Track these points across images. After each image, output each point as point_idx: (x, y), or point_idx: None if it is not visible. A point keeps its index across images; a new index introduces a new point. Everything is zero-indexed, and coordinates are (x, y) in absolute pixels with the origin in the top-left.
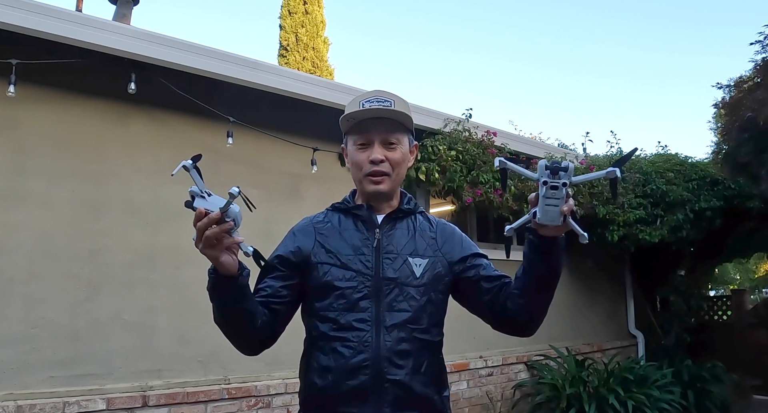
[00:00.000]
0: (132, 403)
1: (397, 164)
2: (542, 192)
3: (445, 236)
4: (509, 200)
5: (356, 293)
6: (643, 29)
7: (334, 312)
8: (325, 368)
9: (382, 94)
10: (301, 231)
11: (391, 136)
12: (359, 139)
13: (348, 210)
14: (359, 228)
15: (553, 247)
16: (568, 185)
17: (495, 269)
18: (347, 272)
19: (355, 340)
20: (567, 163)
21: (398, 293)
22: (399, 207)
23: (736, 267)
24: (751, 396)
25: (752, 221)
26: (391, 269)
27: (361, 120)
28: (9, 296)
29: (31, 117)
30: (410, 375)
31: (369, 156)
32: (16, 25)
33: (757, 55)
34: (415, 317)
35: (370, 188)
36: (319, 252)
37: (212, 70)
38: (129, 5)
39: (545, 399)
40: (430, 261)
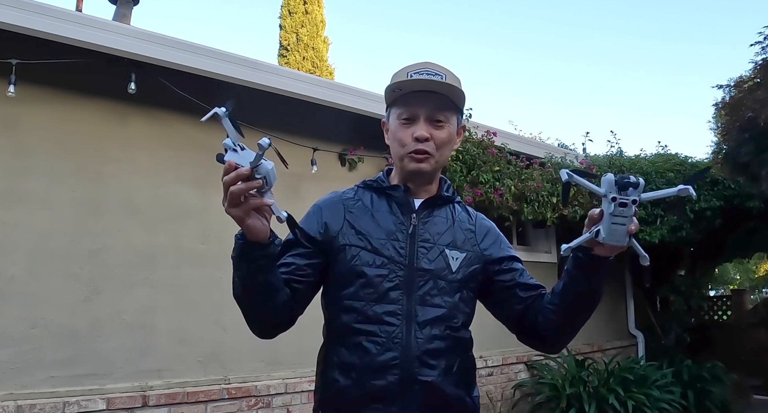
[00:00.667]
0: (132, 403)
1: (443, 145)
2: (609, 209)
3: (484, 232)
4: (509, 200)
5: (387, 283)
6: (643, 29)
7: (361, 301)
8: (349, 365)
9: (433, 67)
10: (329, 207)
11: (440, 113)
12: (404, 113)
13: (382, 190)
14: (394, 211)
15: (601, 267)
16: (638, 202)
17: (531, 276)
18: (378, 258)
19: (383, 335)
20: (637, 178)
21: (432, 287)
22: (438, 193)
23: (736, 267)
24: (751, 396)
25: (752, 221)
26: (426, 259)
27: (408, 92)
28: (9, 296)
29: (31, 117)
30: (442, 376)
31: (413, 133)
32: (16, 25)
33: (757, 57)
34: (449, 314)
35: (411, 166)
36: (348, 233)
37: (212, 70)
38: (129, 5)
39: (545, 399)
40: (467, 256)
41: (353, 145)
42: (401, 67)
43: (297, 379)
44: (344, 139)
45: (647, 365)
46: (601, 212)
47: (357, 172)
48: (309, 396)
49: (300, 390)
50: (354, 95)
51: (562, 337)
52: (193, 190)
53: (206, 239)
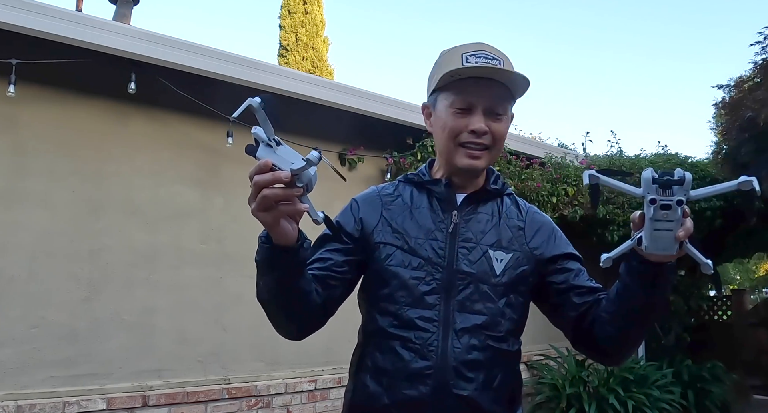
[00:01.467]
0: (132, 403)
1: (500, 139)
2: (649, 214)
3: (535, 228)
4: None
5: (423, 286)
6: (642, 29)
7: (395, 304)
8: (381, 370)
9: (489, 49)
10: (366, 202)
11: (499, 105)
12: (459, 101)
13: (422, 184)
14: (434, 208)
15: (659, 277)
16: (684, 202)
17: (590, 278)
18: (414, 259)
19: (417, 342)
20: (681, 173)
21: (473, 291)
22: (484, 187)
23: (736, 267)
24: (751, 396)
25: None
26: (466, 261)
27: (466, 79)
28: (9, 296)
29: (31, 117)
30: (480, 390)
31: (469, 125)
32: (16, 25)
33: (757, 57)
34: (491, 322)
35: (463, 162)
36: (384, 230)
37: (212, 70)
38: (129, 5)
39: (545, 399)
40: (515, 257)
41: (353, 145)
42: (452, 47)
43: (297, 379)
44: (344, 139)
45: (647, 365)
46: (642, 216)
47: (357, 172)
48: (309, 396)
49: (300, 390)
50: (354, 95)
51: (621, 350)
52: (193, 190)
53: (206, 239)
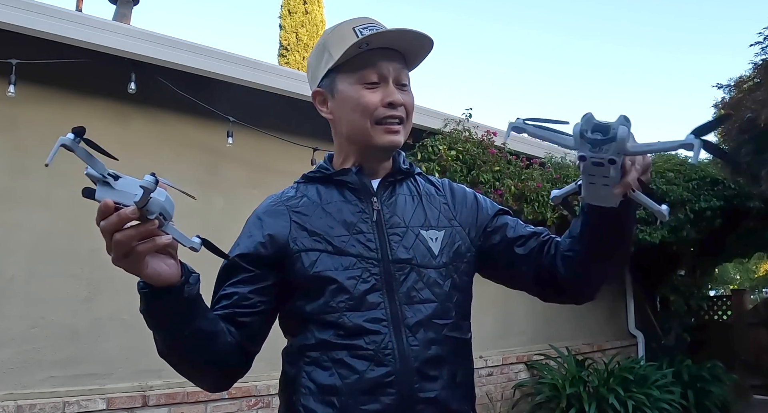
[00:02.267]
0: (132, 403)
1: (412, 111)
2: (581, 169)
3: (459, 200)
4: (509, 200)
5: (362, 285)
6: (642, 29)
7: (335, 313)
8: (329, 388)
9: (377, 23)
10: (269, 213)
11: (405, 74)
12: (368, 75)
13: (328, 178)
14: (349, 199)
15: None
16: (616, 161)
17: (525, 225)
18: (344, 259)
19: (370, 347)
20: (617, 127)
21: (416, 279)
22: (397, 167)
23: (736, 267)
24: (751, 396)
25: (752, 221)
26: (402, 247)
27: (371, 50)
28: (9, 296)
29: (31, 117)
30: (447, 389)
31: (384, 98)
32: (16, 25)
33: (756, 57)
34: (442, 308)
35: (384, 140)
36: (300, 237)
37: (212, 70)
38: (129, 5)
39: (545, 399)
40: (447, 233)
41: None
42: (335, 25)
43: None
44: None
45: (647, 365)
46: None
47: None
48: None
49: None
50: None
51: (595, 283)
52: (193, 190)
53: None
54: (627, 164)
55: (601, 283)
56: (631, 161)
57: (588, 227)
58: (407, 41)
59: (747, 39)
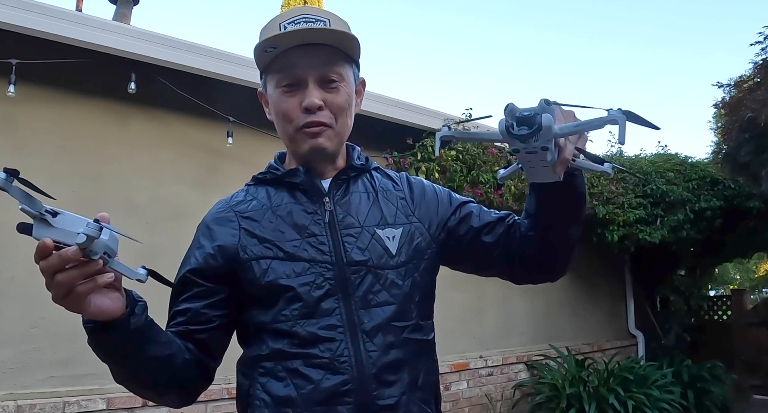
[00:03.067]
0: (132, 403)
1: (341, 111)
2: (518, 160)
3: (417, 194)
4: (509, 200)
5: (315, 291)
6: (642, 29)
7: (288, 321)
8: (284, 400)
9: (311, 12)
10: (217, 221)
11: (331, 70)
12: (285, 78)
13: (278, 180)
14: (299, 200)
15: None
16: (549, 147)
17: (489, 211)
18: (296, 265)
19: (325, 356)
20: (541, 117)
21: (373, 282)
22: (349, 164)
23: (736, 267)
24: (751, 396)
25: (752, 221)
26: (356, 249)
27: (286, 50)
28: (9, 296)
29: (31, 117)
30: (407, 393)
31: (301, 102)
32: (16, 25)
33: (757, 57)
34: (401, 310)
35: (306, 146)
36: (250, 244)
37: (212, 70)
38: (129, 5)
39: (545, 399)
40: (405, 231)
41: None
42: (269, 20)
43: None
44: None
45: (647, 365)
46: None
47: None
48: None
49: None
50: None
51: (563, 256)
52: (193, 190)
53: None
54: (561, 142)
55: (569, 255)
56: (562, 142)
57: (540, 201)
58: (322, 36)
59: (748, 38)
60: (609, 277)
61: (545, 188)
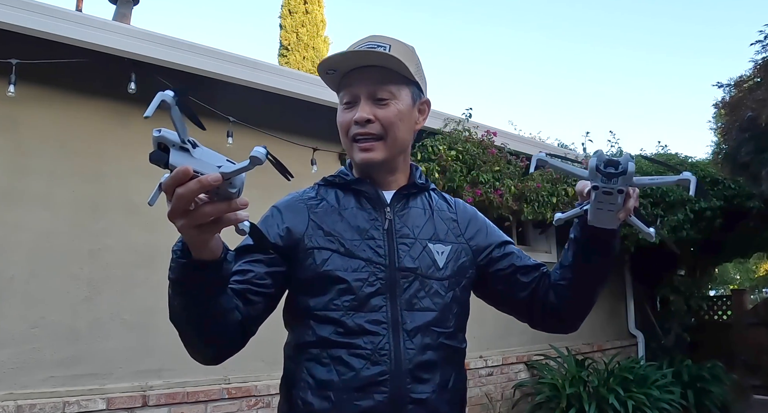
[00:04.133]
0: (132, 403)
1: (391, 124)
2: (592, 197)
3: (468, 219)
4: (509, 200)
5: (367, 287)
6: (642, 28)
7: (338, 311)
8: (326, 383)
9: (377, 39)
10: (290, 208)
11: (381, 88)
12: (345, 96)
13: (347, 185)
14: (364, 207)
15: (613, 236)
16: (624, 191)
17: (528, 257)
18: (354, 261)
19: (368, 347)
20: (626, 163)
21: (419, 288)
22: (411, 181)
23: (736, 267)
24: (751, 396)
25: (752, 221)
26: (408, 257)
27: (347, 72)
28: (9, 296)
29: (31, 117)
30: (437, 392)
31: (354, 116)
32: (16, 25)
33: (757, 55)
34: (441, 317)
35: (358, 158)
36: (315, 235)
37: (212, 70)
38: (129, 5)
39: (545, 398)
40: (454, 249)
41: None
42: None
43: None
44: None
45: (647, 365)
46: (589, 191)
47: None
48: None
49: None
50: None
51: (581, 312)
52: None
53: None
54: (630, 192)
55: (585, 312)
56: (633, 190)
57: (579, 252)
58: (373, 59)
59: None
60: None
61: (591, 236)
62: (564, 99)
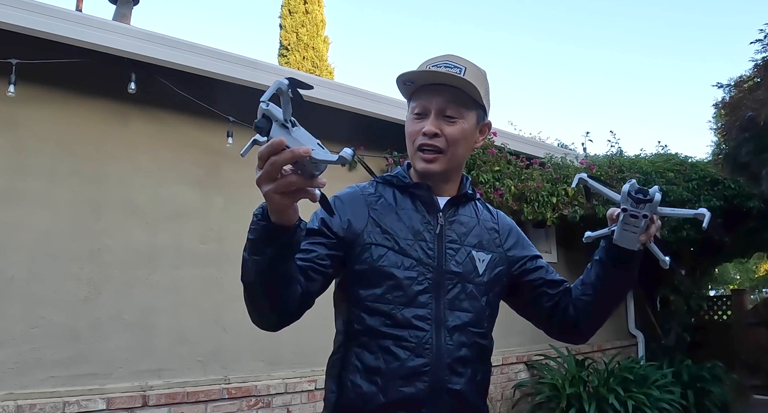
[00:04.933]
0: (132, 403)
1: (455, 142)
2: (621, 218)
3: (507, 231)
4: (509, 200)
5: (416, 286)
6: (643, 28)
7: (389, 304)
8: (374, 369)
9: (453, 59)
10: (351, 201)
11: (451, 107)
12: (416, 107)
13: (404, 187)
14: (419, 209)
15: (633, 259)
16: (649, 217)
17: (555, 272)
18: (406, 260)
19: (413, 340)
20: (654, 192)
21: (461, 290)
22: (463, 191)
23: (736, 267)
24: (751, 396)
25: (752, 221)
26: (454, 261)
27: (422, 86)
28: (9, 296)
29: (31, 117)
30: (468, 384)
31: (423, 127)
32: (16, 25)
33: (757, 55)
34: (477, 319)
35: (419, 166)
36: (374, 231)
37: (212, 70)
38: (129, 5)
39: (545, 398)
40: (493, 258)
41: (353, 144)
42: (423, 61)
43: (297, 379)
44: (344, 139)
45: (647, 365)
46: (618, 215)
47: (357, 172)
48: (309, 396)
49: (300, 389)
50: (354, 95)
51: (596, 325)
52: (193, 190)
53: (206, 239)
54: (654, 218)
55: (598, 326)
56: (656, 218)
57: (599, 274)
58: (451, 80)
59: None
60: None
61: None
62: (564, 99)
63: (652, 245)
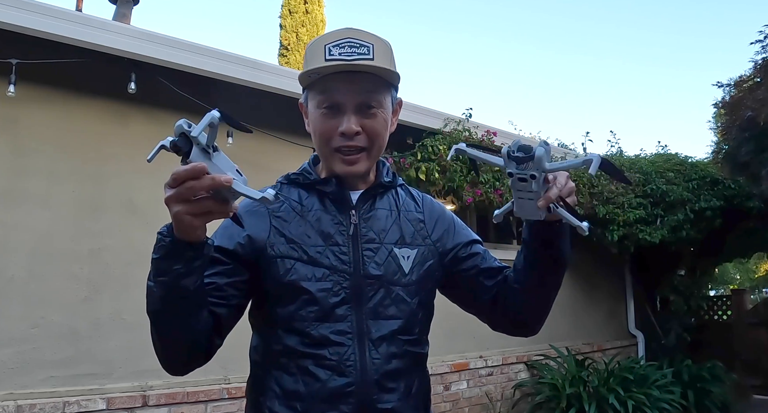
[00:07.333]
0: (132, 403)
1: (377, 135)
2: (510, 184)
3: (435, 219)
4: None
5: (332, 297)
6: (643, 28)
7: (303, 321)
8: (292, 394)
9: (355, 35)
10: (251, 213)
11: (370, 98)
12: (325, 100)
13: (311, 185)
14: (328, 209)
15: (554, 234)
16: (537, 176)
17: (494, 258)
18: (317, 270)
19: (333, 358)
20: (536, 148)
21: (384, 295)
22: (378, 181)
23: (736, 267)
24: (751, 396)
25: (752, 221)
26: (373, 263)
27: (327, 75)
28: (9, 296)
29: (31, 117)
30: (402, 400)
31: (339, 126)
32: (16, 25)
33: (757, 55)
34: (406, 325)
35: (340, 169)
36: (278, 242)
37: (212, 70)
38: (129, 5)
39: (545, 398)
40: (420, 252)
41: None
42: (317, 37)
43: None
44: None
45: (647, 365)
46: None
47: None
48: None
49: None
50: None
51: (539, 315)
52: None
53: None
54: (549, 178)
55: (543, 316)
56: (553, 177)
57: (528, 253)
58: (365, 67)
59: (748, 38)
60: (609, 277)
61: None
62: (564, 99)
63: (561, 211)
